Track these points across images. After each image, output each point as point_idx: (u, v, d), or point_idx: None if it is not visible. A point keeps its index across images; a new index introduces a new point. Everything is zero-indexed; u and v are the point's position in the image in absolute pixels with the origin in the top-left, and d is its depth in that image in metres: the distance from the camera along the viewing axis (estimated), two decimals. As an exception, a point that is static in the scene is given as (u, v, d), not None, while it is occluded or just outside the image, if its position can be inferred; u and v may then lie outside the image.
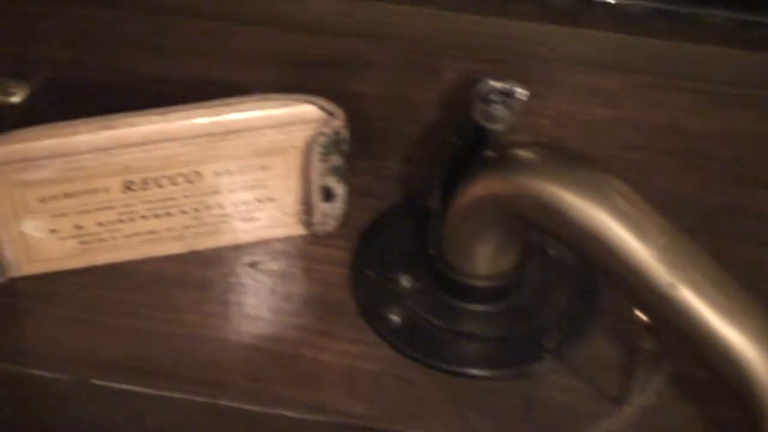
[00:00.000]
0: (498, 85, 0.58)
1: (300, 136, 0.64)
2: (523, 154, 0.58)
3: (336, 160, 0.65)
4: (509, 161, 0.58)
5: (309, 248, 0.67)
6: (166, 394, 0.60)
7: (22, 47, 0.76)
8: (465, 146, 0.60)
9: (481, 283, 0.63)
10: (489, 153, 0.59)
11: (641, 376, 0.58)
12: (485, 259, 0.62)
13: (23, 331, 0.63)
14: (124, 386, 0.61)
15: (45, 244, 0.64)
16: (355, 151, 0.65)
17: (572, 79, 0.72)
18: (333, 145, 0.64)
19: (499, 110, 0.58)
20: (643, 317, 0.56)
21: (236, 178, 0.65)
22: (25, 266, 0.65)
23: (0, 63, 0.75)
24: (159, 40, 0.75)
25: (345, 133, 0.64)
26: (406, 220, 0.68)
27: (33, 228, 0.63)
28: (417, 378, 0.61)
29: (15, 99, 0.72)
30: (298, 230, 0.68)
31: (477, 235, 0.61)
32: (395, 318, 0.63)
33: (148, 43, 0.75)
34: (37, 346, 0.62)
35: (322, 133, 0.63)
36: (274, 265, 0.66)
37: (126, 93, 0.73)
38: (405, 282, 0.65)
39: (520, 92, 0.59)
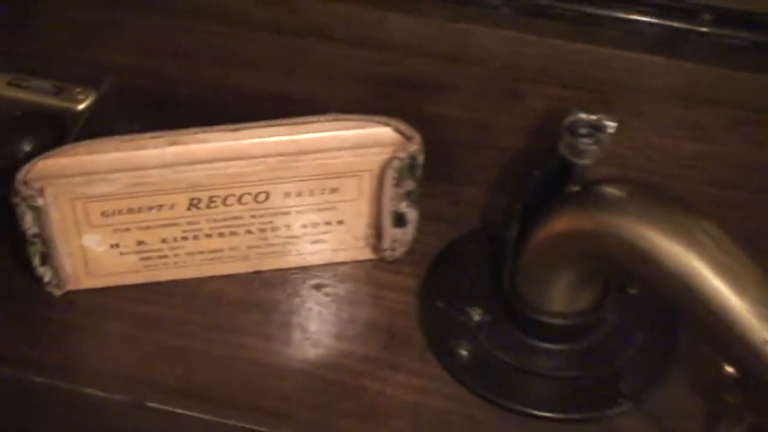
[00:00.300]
0: (587, 117, 0.56)
1: (374, 159, 0.62)
2: (610, 190, 0.56)
3: (409, 185, 0.63)
4: (595, 197, 0.56)
5: (377, 274, 0.66)
6: (223, 421, 0.60)
7: (92, 53, 0.76)
8: (548, 178, 0.59)
9: (555, 321, 0.61)
10: (573, 187, 0.58)
11: (723, 428, 0.57)
12: (561, 296, 0.61)
13: (78, 347, 0.63)
14: (179, 410, 0.60)
15: (105, 258, 0.64)
16: (430, 174, 0.64)
17: (662, 111, 0.71)
18: (407, 171, 0.63)
19: (587, 145, 0.56)
20: (731, 369, 0.53)
21: (306, 199, 0.64)
22: (83, 280, 0.64)
23: (69, 68, 0.75)
24: (234, 53, 0.75)
25: (420, 158, 0.62)
26: (479, 250, 0.67)
27: (94, 242, 0.63)
28: (484, 417, 0.60)
29: (81, 106, 0.71)
30: (366, 255, 0.67)
31: (554, 272, 0.60)
32: (464, 352, 0.62)
33: (222, 55, 0.75)
34: (92, 364, 0.62)
35: (398, 158, 0.62)
36: (340, 290, 0.66)
37: (196, 105, 0.73)
38: (476, 315, 0.63)
39: (610, 125, 0.56)
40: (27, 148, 0.69)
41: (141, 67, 0.76)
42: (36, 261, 0.63)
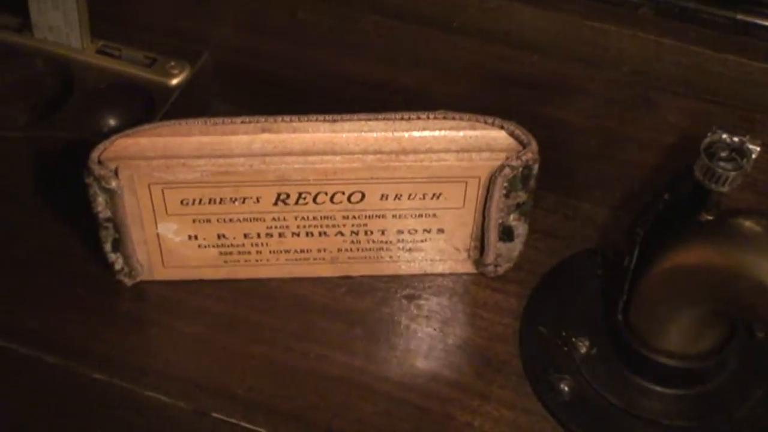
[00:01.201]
0: (729, 138, 0.54)
1: (484, 165, 0.60)
2: (750, 224, 0.54)
3: (521, 196, 0.61)
4: (731, 231, 0.54)
5: (476, 290, 0.65)
6: (292, 440, 0.59)
7: (193, 24, 0.76)
8: (677, 202, 0.57)
9: (671, 362, 0.59)
10: (706, 216, 0.56)
11: None
12: (681, 335, 0.59)
13: (144, 344, 0.62)
14: (245, 424, 0.58)
15: (182, 249, 0.63)
16: (544, 183, 0.62)
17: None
18: (520, 180, 0.60)
19: (726, 170, 0.53)
20: None
21: (404, 203, 0.62)
22: (157, 271, 0.64)
23: (165, 39, 0.74)
24: (341, 36, 0.73)
25: (535, 168, 0.60)
26: (592, 274, 0.65)
27: (171, 231, 0.62)
28: (581, 462, 0.59)
29: (174, 81, 0.71)
30: (466, 268, 0.65)
31: (675, 308, 0.58)
32: (565, 387, 0.60)
33: (328, 38, 0.74)
34: (157, 364, 0.61)
35: (510, 165, 0.60)
36: (434, 304, 0.64)
37: (295, 90, 0.73)
38: (582, 346, 0.62)
39: (754, 149, 0.54)
40: (111, 122, 0.69)
41: (242, 45, 0.75)
42: (107, 247, 0.62)
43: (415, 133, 0.60)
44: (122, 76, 0.71)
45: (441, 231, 0.63)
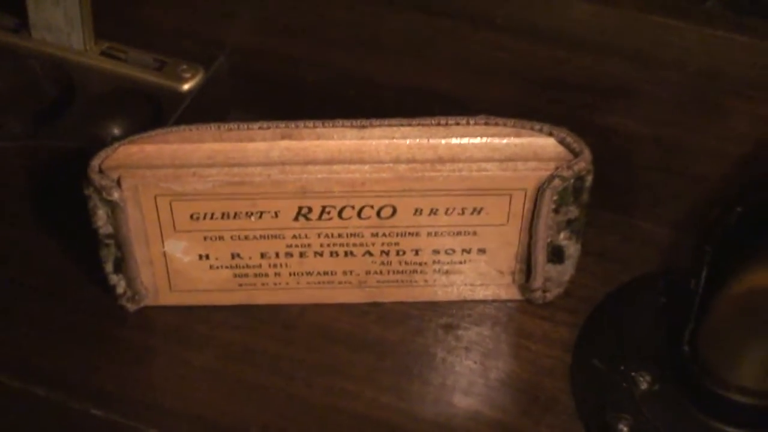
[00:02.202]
0: None
1: (530, 176, 0.60)
2: None
3: (572, 211, 0.61)
4: None
5: (522, 319, 0.64)
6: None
7: (208, 26, 0.75)
8: (751, 219, 0.56)
9: (746, 400, 0.59)
10: None
11: None
12: (757, 368, 0.58)
13: (149, 377, 0.62)
14: None
15: (192, 271, 0.62)
16: (598, 200, 0.62)
17: None
18: (571, 193, 0.60)
19: None
20: None
21: (441, 219, 0.61)
22: (163, 295, 0.64)
23: (177, 41, 0.74)
24: (369, 35, 0.72)
25: (589, 180, 0.60)
26: (654, 300, 0.65)
27: (179, 250, 0.61)
28: None
29: (186, 86, 0.71)
30: (510, 294, 0.65)
31: (751, 338, 0.57)
32: (624, 428, 0.59)
33: (355, 36, 0.73)
34: (163, 400, 0.61)
35: (560, 176, 0.59)
36: (474, 334, 0.64)
37: (321, 95, 0.73)
38: (643, 382, 0.61)
39: None
40: (115, 131, 0.69)
41: (261, 47, 0.74)
42: (108, 267, 0.61)
43: (454, 140, 0.60)
44: (128, 80, 0.71)
45: (482, 251, 0.63)
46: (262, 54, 0.74)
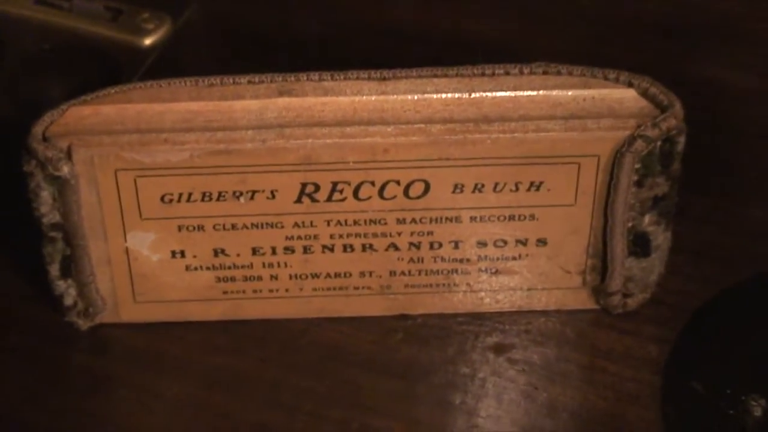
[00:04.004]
0: None
1: (605, 137, 0.60)
2: None
3: (660, 186, 0.61)
4: None
5: (596, 333, 0.66)
6: None
7: None
8: None
9: None
10: None
11: None
12: None
13: (110, 413, 0.63)
14: None
15: (162, 274, 0.63)
16: (691, 182, 0.63)
17: None
18: (659, 160, 0.60)
19: None
20: None
21: (488, 197, 0.62)
22: (125, 308, 0.65)
23: None
24: None
25: (681, 142, 0.61)
26: (767, 307, 0.67)
27: (146, 245, 0.62)
28: None
29: (148, 41, 0.73)
30: (580, 301, 0.66)
31: None
32: None
33: None
34: None
35: (644, 137, 0.60)
36: (534, 355, 0.65)
37: (324, 51, 0.74)
38: (756, 408, 0.62)
39: None
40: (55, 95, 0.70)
41: None
42: (54, 270, 0.62)
43: (503, 94, 0.60)
44: (73, 34, 0.72)
45: (542, 242, 0.64)
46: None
